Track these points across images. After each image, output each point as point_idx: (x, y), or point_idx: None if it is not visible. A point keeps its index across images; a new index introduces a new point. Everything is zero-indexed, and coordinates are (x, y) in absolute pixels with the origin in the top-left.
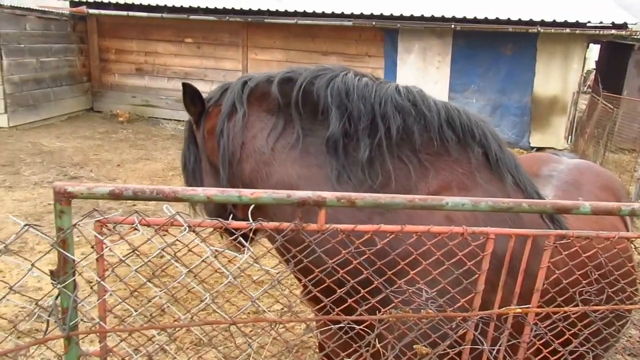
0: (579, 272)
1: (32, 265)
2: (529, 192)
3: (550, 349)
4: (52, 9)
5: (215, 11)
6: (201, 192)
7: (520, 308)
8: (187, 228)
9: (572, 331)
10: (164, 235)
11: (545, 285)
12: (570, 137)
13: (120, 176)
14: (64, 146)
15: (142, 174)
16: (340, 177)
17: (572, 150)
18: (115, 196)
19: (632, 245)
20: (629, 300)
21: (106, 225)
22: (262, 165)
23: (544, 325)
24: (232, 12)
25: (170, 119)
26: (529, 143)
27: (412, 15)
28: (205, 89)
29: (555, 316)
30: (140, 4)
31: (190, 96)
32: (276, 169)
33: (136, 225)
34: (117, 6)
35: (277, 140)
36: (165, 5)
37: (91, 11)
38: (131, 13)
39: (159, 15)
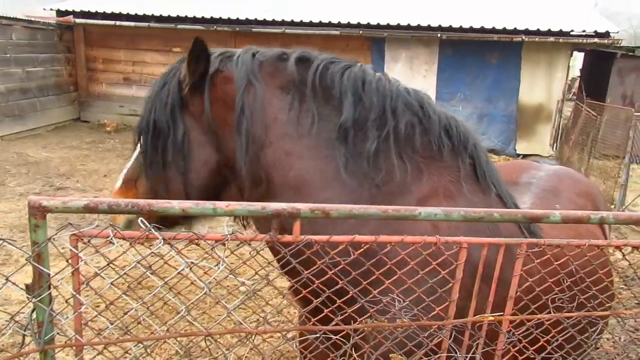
0: (551, 280)
1: (7, 279)
2: (509, 205)
3: (524, 356)
4: (38, 18)
5: (203, 20)
6: (176, 205)
7: (493, 316)
8: (162, 241)
9: (545, 338)
10: (141, 248)
11: (518, 293)
12: (555, 144)
13: (107, 186)
14: (50, 156)
15: None
16: (348, 166)
17: (558, 157)
18: (90, 210)
19: (605, 252)
20: (601, 307)
21: (81, 239)
22: (283, 156)
23: (519, 332)
24: (220, 21)
25: None
26: (515, 150)
27: (398, 24)
28: None
29: (528, 323)
30: (128, 14)
31: (197, 53)
32: (294, 161)
33: (111, 239)
34: (105, 16)
35: (296, 125)
36: (153, 15)
37: (78, 21)
38: (119, 23)
39: (146, 24)
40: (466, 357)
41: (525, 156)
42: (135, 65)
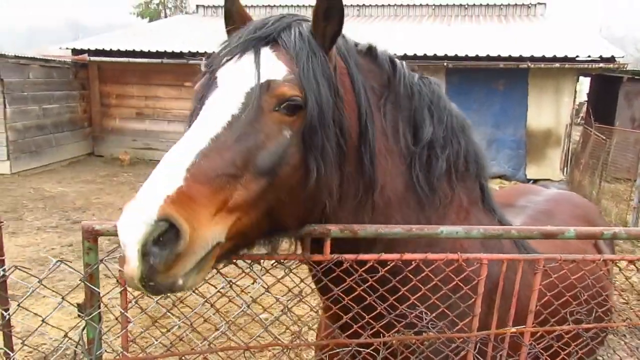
0: (550, 294)
1: (63, 298)
2: (505, 223)
3: None
4: (54, 57)
5: None
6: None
7: (516, 328)
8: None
9: (552, 350)
10: None
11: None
12: (565, 168)
13: None
14: (66, 191)
15: None
16: (417, 185)
17: (569, 181)
18: None
19: (601, 268)
20: (597, 320)
21: None
22: (385, 164)
23: (539, 344)
24: None
25: None
26: (525, 175)
27: (405, 55)
28: None
29: (548, 336)
30: (141, 51)
31: (328, 9)
32: (385, 176)
33: None
34: (119, 53)
35: (385, 134)
36: (165, 51)
37: (92, 59)
38: (132, 59)
39: (159, 60)
40: None
41: (535, 181)
42: (148, 100)
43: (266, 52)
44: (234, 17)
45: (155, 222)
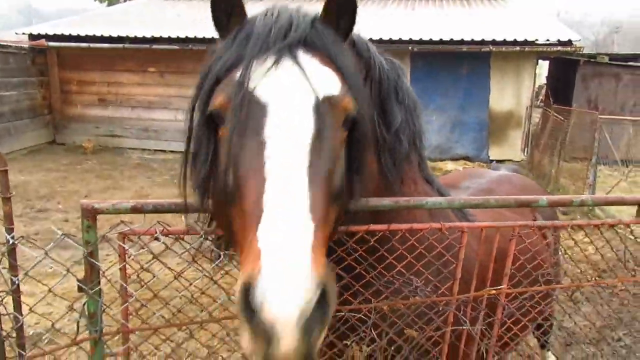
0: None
1: (68, 270)
2: (446, 194)
3: (520, 325)
4: (10, 42)
5: (178, 40)
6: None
7: (495, 289)
8: (204, 236)
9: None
10: (185, 244)
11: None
12: (526, 149)
13: None
14: (28, 180)
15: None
16: (388, 170)
17: (529, 162)
18: (137, 210)
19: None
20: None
21: (129, 237)
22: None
23: (513, 305)
24: (196, 40)
25: (136, 149)
26: (488, 156)
27: (370, 39)
28: (169, 117)
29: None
30: (102, 36)
31: (342, 3)
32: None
33: (157, 236)
34: (78, 38)
35: (371, 118)
36: (127, 36)
37: (51, 44)
38: (93, 45)
39: (120, 45)
40: (472, 328)
41: (498, 162)
42: (110, 86)
43: (305, 58)
44: (229, 11)
45: (315, 290)
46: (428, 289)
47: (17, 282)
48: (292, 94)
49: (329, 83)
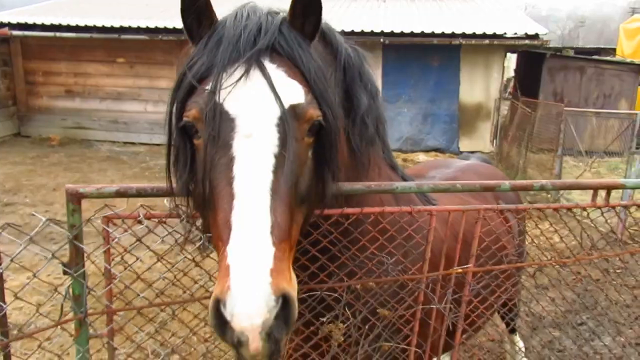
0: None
1: (53, 255)
2: (410, 180)
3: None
4: None
5: (147, 30)
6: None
7: (461, 268)
8: (185, 219)
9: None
10: (167, 226)
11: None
12: (495, 140)
13: (57, 200)
14: None
15: None
16: (358, 151)
17: (498, 153)
18: (120, 194)
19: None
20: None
21: (113, 221)
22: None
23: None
24: (165, 31)
25: (105, 141)
26: (459, 148)
27: (342, 31)
28: (139, 108)
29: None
30: (68, 25)
31: (307, 5)
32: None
33: (140, 219)
34: (44, 27)
35: (339, 105)
36: (95, 26)
37: (15, 33)
38: (58, 34)
39: (88, 35)
40: (441, 306)
41: (468, 153)
42: (77, 77)
43: (272, 68)
44: (200, 16)
45: (276, 302)
46: (399, 268)
47: (0, 270)
48: (258, 107)
49: (294, 92)
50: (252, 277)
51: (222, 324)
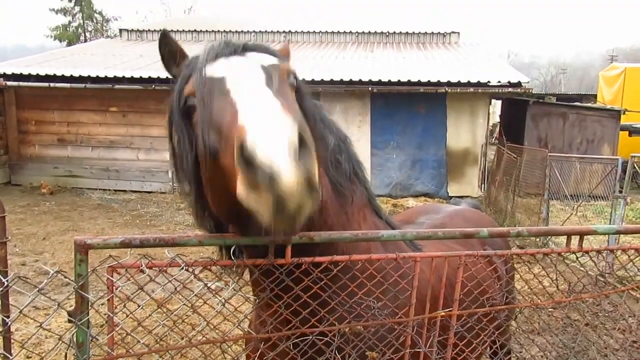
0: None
1: (58, 305)
2: (394, 226)
3: (471, 348)
4: None
5: (140, 80)
6: (193, 237)
7: (445, 312)
8: (185, 267)
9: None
10: (168, 275)
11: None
12: (482, 185)
13: (47, 249)
14: None
15: (71, 246)
16: (337, 190)
17: (486, 197)
18: (125, 245)
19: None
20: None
21: (117, 270)
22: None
23: (463, 327)
24: (159, 80)
25: (96, 189)
26: (448, 193)
27: (332, 80)
28: (131, 156)
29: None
30: (63, 75)
31: None
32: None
33: (142, 268)
34: (38, 78)
35: None
36: (89, 76)
37: (9, 83)
38: (53, 84)
39: (82, 85)
40: (427, 349)
41: (458, 198)
42: (70, 126)
43: (250, 54)
44: (175, 57)
45: (292, 126)
46: (386, 312)
47: (8, 322)
48: (242, 66)
49: (270, 59)
50: (265, 112)
51: (251, 171)
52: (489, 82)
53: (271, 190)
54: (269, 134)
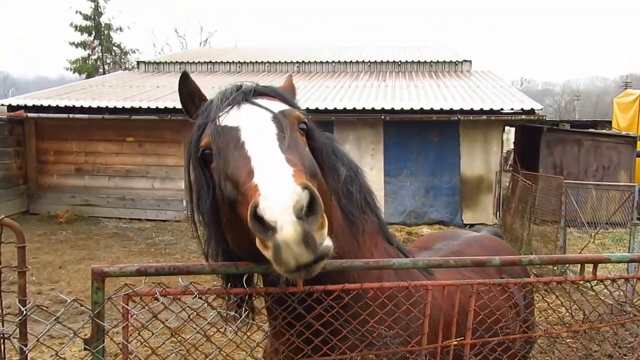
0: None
1: (75, 333)
2: (408, 253)
3: None
4: None
5: (157, 111)
6: (207, 265)
7: (457, 341)
8: (198, 295)
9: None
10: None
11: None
12: (497, 212)
13: (63, 278)
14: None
15: (87, 275)
16: (349, 218)
17: (501, 225)
18: (141, 273)
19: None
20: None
21: (132, 298)
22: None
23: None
24: (175, 110)
25: (112, 217)
26: (462, 221)
27: (345, 109)
28: (147, 185)
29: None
30: (82, 106)
31: None
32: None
33: (157, 296)
34: (58, 109)
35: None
36: (107, 107)
37: (30, 115)
38: (72, 115)
39: (100, 116)
40: None
41: (472, 225)
42: (87, 156)
43: (259, 99)
44: (194, 99)
45: (302, 190)
46: (397, 340)
47: (26, 351)
48: (253, 115)
49: (279, 106)
50: (276, 177)
51: (263, 229)
52: (501, 109)
53: (277, 251)
54: (278, 199)
